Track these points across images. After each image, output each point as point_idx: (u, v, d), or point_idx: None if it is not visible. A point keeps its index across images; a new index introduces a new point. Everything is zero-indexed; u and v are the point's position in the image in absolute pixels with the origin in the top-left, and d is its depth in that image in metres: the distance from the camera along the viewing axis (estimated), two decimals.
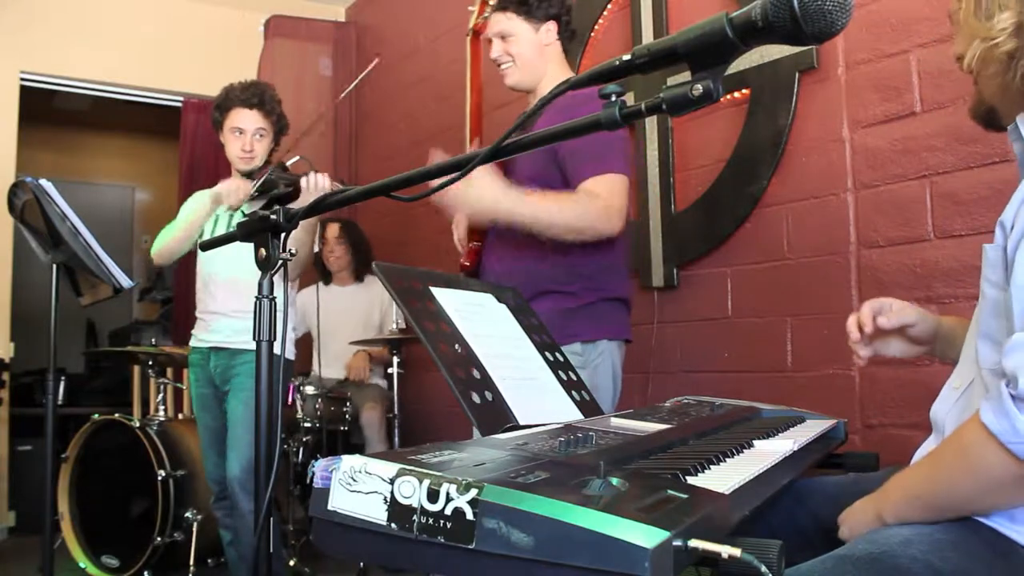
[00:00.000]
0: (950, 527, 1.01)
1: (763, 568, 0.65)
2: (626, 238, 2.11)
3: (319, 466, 0.79)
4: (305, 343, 4.12)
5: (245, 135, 2.73)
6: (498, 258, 2.10)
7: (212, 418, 2.77)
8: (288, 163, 2.65)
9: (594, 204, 1.92)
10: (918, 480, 1.03)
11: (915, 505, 1.01)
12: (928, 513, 1.00)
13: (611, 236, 1.96)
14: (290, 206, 1.27)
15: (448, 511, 0.71)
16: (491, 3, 2.11)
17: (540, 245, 1.99)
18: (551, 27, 2.11)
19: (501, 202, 1.89)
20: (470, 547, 0.69)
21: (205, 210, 2.74)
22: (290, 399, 3.61)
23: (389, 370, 3.52)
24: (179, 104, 5.12)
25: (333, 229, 4.13)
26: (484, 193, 1.88)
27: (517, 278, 1.92)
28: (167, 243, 2.78)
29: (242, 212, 2.68)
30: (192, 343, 2.86)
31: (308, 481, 0.81)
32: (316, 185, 2.44)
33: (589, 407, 1.47)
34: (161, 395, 3.66)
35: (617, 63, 0.90)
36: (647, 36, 2.91)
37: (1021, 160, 1.07)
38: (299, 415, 3.58)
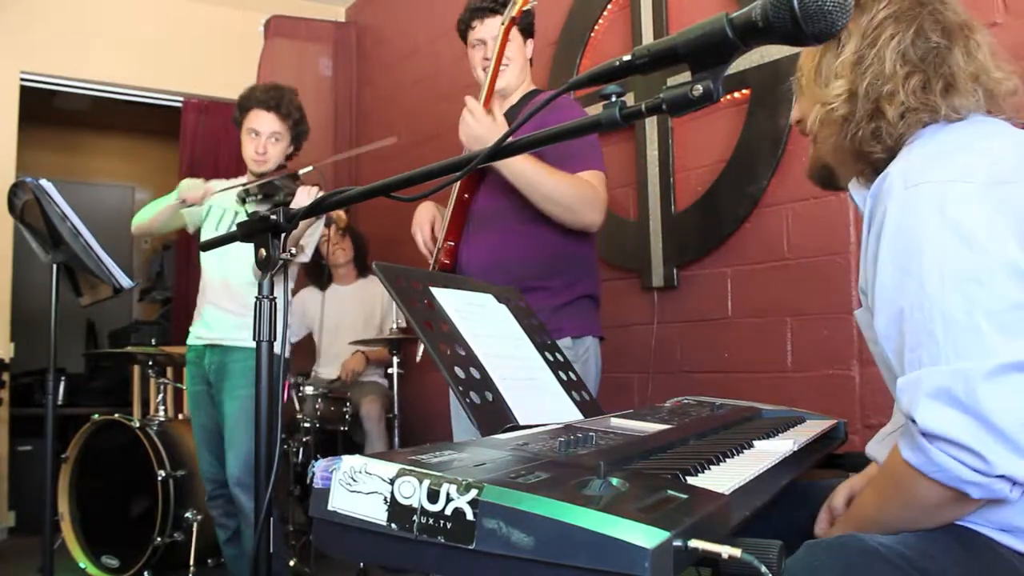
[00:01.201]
0: None
1: (763, 568, 0.65)
2: (596, 237, 2.19)
3: (319, 466, 0.79)
4: (306, 343, 4.12)
5: (260, 137, 2.76)
6: (475, 255, 2.13)
7: (206, 416, 2.78)
8: (300, 172, 2.66)
9: (590, 190, 2.02)
10: (869, 508, 1.09)
11: (873, 528, 1.07)
12: (887, 533, 1.05)
13: (591, 227, 2.05)
14: (292, 209, 1.27)
15: (448, 511, 0.71)
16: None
17: (516, 241, 2.05)
18: (530, 45, 2.25)
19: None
20: (470, 547, 0.69)
21: (169, 205, 2.81)
22: (284, 397, 3.61)
23: (389, 370, 3.53)
24: (179, 104, 5.12)
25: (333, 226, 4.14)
26: (488, 134, 1.97)
27: (494, 274, 1.94)
28: (141, 223, 2.89)
29: (244, 213, 2.69)
30: (188, 340, 2.87)
31: (308, 481, 0.81)
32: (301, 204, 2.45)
33: (589, 407, 1.48)
34: (161, 395, 3.66)
35: (617, 63, 0.90)
36: (647, 36, 2.91)
37: (863, 218, 1.13)
38: (299, 415, 3.58)
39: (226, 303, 2.74)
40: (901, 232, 0.99)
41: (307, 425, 3.55)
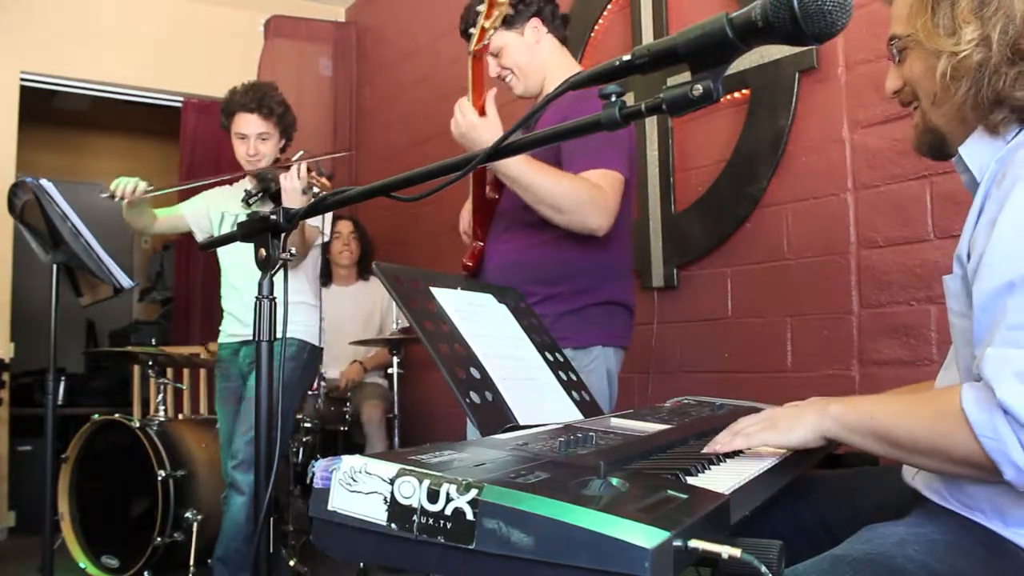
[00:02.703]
0: (946, 528, 1.01)
1: (763, 568, 0.65)
2: (626, 241, 2.08)
3: (319, 466, 0.79)
4: None
5: (248, 140, 2.78)
6: (494, 257, 2.08)
7: (234, 413, 2.79)
8: (292, 160, 2.67)
9: (588, 190, 1.86)
10: (883, 411, 1.04)
11: (866, 425, 1.04)
12: (870, 440, 1.03)
13: (596, 231, 1.90)
14: (289, 206, 1.27)
15: (448, 511, 0.71)
16: (489, 30, 2.05)
17: (527, 243, 1.98)
18: (535, 24, 2.08)
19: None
20: (470, 547, 0.69)
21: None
22: (316, 386, 3.64)
23: (389, 370, 3.53)
24: (179, 104, 5.13)
25: (348, 225, 4.17)
26: (484, 137, 1.88)
27: (508, 277, 1.89)
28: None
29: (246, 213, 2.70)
30: (220, 339, 2.89)
31: (308, 481, 0.80)
32: (291, 182, 2.46)
33: (589, 407, 1.47)
34: (161, 395, 3.65)
35: (617, 63, 0.90)
36: (647, 36, 2.91)
37: (969, 189, 1.09)
38: (299, 415, 3.58)
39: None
40: None
41: (307, 425, 3.55)
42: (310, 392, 3.61)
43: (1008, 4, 1.01)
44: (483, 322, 1.40)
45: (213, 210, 2.90)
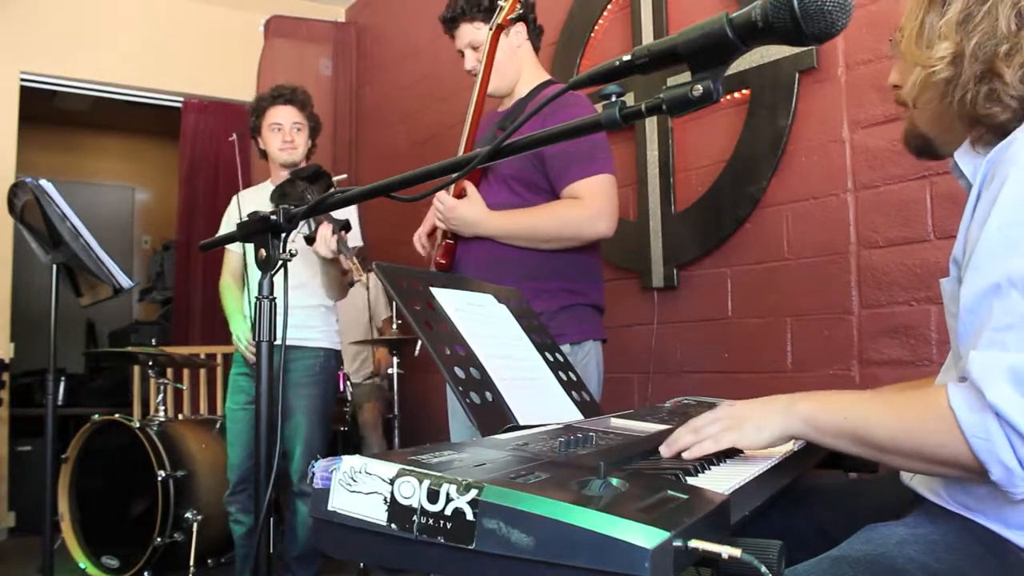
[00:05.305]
0: (947, 528, 1.01)
1: (763, 568, 0.65)
2: (598, 244, 2.13)
3: (319, 466, 0.79)
4: None
5: (283, 128, 2.83)
6: (472, 255, 2.09)
7: (243, 408, 2.80)
8: (336, 179, 2.69)
9: (580, 209, 1.97)
10: (860, 413, 1.01)
11: (840, 426, 1.01)
12: (844, 441, 1.00)
13: (605, 235, 2.01)
14: (292, 210, 1.27)
15: (448, 511, 0.71)
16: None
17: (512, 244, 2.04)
18: (520, 29, 2.13)
19: (484, 222, 2.01)
20: (470, 547, 0.69)
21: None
22: (341, 387, 3.63)
23: (389, 370, 3.53)
24: (179, 104, 5.13)
25: None
26: (467, 217, 2.02)
27: (491, 274, 1.91)
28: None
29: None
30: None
31: (308, 481, 0.80)
32: (323, 241, 2.50)
33: (589, 407, 1.47)
34: (161, 395, 3.66)
35: (617, 63, 0.90)
36: (647, 36, 2.91)
37: (966, 191, 1.09)
38: None
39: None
40: (1019, 202, 0.93)
41: None
42: None
43: (992, 18, 0.99)
44: (483, 322, 1.39)
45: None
